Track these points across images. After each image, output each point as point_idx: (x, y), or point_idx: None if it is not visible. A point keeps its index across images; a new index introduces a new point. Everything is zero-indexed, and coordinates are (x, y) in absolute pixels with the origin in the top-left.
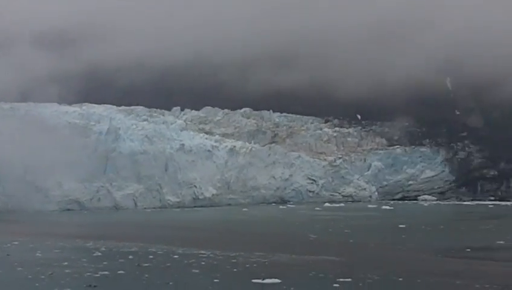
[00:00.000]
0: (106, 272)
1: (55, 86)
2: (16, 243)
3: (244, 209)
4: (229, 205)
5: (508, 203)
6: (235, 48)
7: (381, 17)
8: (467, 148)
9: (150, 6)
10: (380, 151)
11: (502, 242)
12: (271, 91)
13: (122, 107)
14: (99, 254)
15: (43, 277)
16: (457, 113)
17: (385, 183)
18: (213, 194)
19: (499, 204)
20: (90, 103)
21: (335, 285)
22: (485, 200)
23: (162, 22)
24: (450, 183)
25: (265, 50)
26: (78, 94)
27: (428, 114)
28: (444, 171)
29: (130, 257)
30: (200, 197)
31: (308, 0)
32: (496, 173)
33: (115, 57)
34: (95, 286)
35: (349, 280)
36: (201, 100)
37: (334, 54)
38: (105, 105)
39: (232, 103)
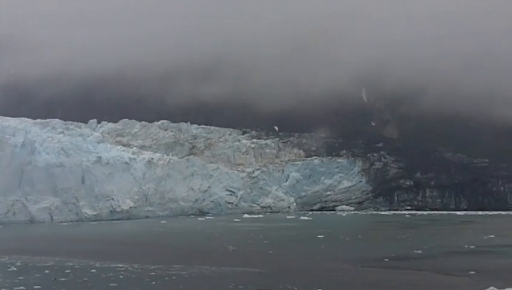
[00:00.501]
0: (22, 287)
1: None
2: None
3: (162, 222)
4: (147, 217)
5: (424, 212)
6: (157, 61)
7: (302, 31)
8: (383, 159)
9: (73, 19)
10: (298, 162)
11: (419, 251)
12: (192, 103)
13: (38, 120)
14: (15, 268)
15: None
16: (373, 124)
17: (303, 193)
18: (131, 207)
19: (415, 213)
20: (5, 116)
21: None
22: (401, 210)
23: (85, 35)
24: (367, 194)
25: (187, 63)
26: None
27: (345, 125)
28: (361, 181)
29: (46, 271)
30: (118, 209)
31: (230, 14)
32: (412, 183)
33: (36, 70)
34: None
35: None
36: (119, 113)
37: (255, 66)
38: (21, 118)
39: (150, 116)
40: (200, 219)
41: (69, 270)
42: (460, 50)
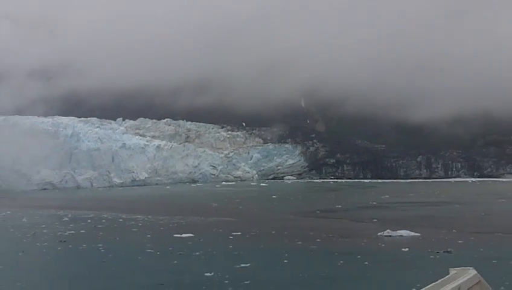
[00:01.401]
0: (72, 231)
1: (42, 105)
2: (9, 212)
3: (167, 187)
4: (157, 184)
5: (343, 180)
6: (167, 78)
7: (267, 57)
8: (315, 145)
9: (108, 48)
10: (259, 147)
11: (339, 206)
12: (189, 107)
13: (82, 118)
14: (67, 219)
15: (28, 235)
16: (308, 122)
17: (262, 168)
18: (146, 177)
19: (336, 181)
20: (59, 115)
21: (230, 237)
22: (327, 179)
23: (120, 57)
24: (305, 168)
25: (188, 79)
26: (57, 110)
27: (290, 123)
28: (300, 160)
29: (89, 221)
30: (137, 179)
31: (216, 43)
32: (334, 160)
33: (85, 85)
34: (64, 241)
35: (239, 233)
36: (137, 113)
37: (234, 82)
38: (70, 117)
39: (158, 115)
40: (192, 185)
41: (104, 220)
42: (377, 57)
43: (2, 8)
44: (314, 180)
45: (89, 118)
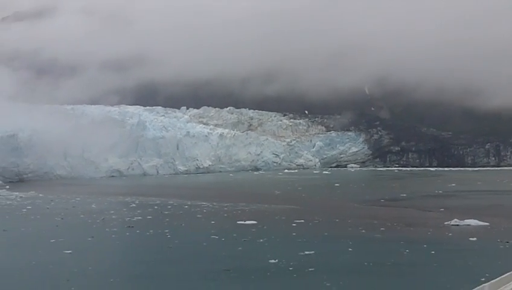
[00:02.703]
0: (140, 217)
1: (115, 95)
2: (78, 199)
3: (230, 175)
4: (220, 171)
5: (407, 168)
6: (238, 66)
7: (336, 44)
8: (379, 133)
9: (181, 38)
10: (321, 135)
11: (404, 195)
12: (261, 96)
13: (147, 107)
14: (134, 205)
15: (98, 221)
16: (373, 109)
17: (325, 156)
18: (209, 165)
19: (401, 169)
20: (126, 104)
21: (293, 224)
22: (392, 167)
23: (192, 47)
24: (368, 156)
25: (258, 68)
26: (129, 100)
27: (354, 110)
28: (364, 147)
29: (155, 207)
30: (201, 167)
31: (285, 31)
32: (399, 148)
33: (159, 75)
34: (132, 227)
35: (303, 221)
36: (201, 102)
37: (303, 70)
38: (136, 106)
39: (221, 104)
40: (255, 173)
41: (170, 207)
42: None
43: (78, 2)
44: (378, 169)
45: (154, 107)
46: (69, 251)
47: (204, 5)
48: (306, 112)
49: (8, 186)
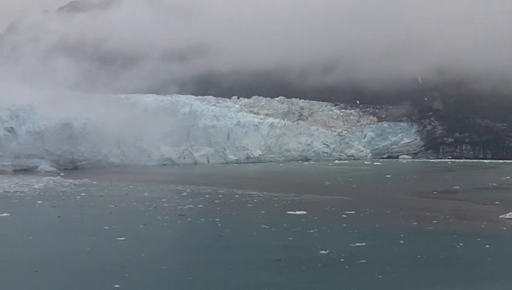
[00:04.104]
0: (191, 206)
1: (174, 85)
2: (131, 186)
3: (280, 165)
4: (270, 161)
5: (461, 160)
6: (296, 56)
7: (397, 34)
8: (432, 123)
9: (243, 28)
10: (373, 125)
11: (457, 187)
12: (320, 87)
13: (199, 97)
14: (186, 193)
15: (150, 208)
16: (426, 99)
17: (376, 147)
18: (259, 154)
19: (454, 161)
20: (178, 94)
21: (343, 215)
22: (445, 158)
23: (253, 37)
24: (421, 147)
25: (317, 58)
26: (190, 90)
27: (406, 100)
28: (416, 138)
29: (206, 196)
30: (251, 156)
31: (346, 21)
32: (452, 140)
33: (217, 66)
34: (184, 215)
35: (353, 212)
36: (251, 92)
37: (361, 61)
38: (187, 95)
39: (272, 93)
40: (305, 163)
41: (221, 196)
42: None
43: None
44: (431, 160)
45: (205, 96)
46: (122, 238)
47: None
48: (357, 101)
49: (62, 174)
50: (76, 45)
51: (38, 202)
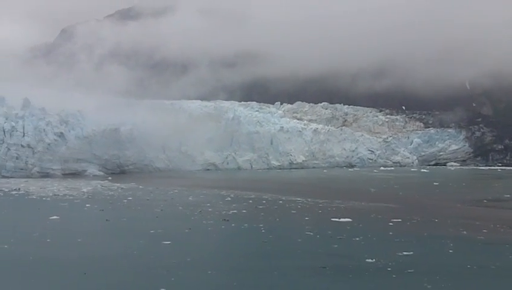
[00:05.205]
0: (235, 211)
1: (222, 91)
2: (176, 191)
3: (324, 171)
4: (314, 167)
5: (511, 167)
6: (347, 61)
7: (444, 40)
8: (481, 130)
9: (295, 34)
10: (419, 132)
11: (508, 195)
12: (370, 92)
13: (242, 102)
14: (230, 199)
15: (195, 213)
16: (474, 105)
17: (423, 153)
18: (303, 160)
19: (504, 168)
20: (219, 99)
21: (390, 223)
22: (494, 166)
23: (304, 44)
24: (470, 154)
25: (367, 63)
26: (238, 96)
27: (454, 106)
28: (465, 145)
29: (250, 201)
30: (294, 162)
31: (395, 27)
32: (502, 147)
33: (271, 72)
34: (228, 220)
35: (400, 220)
36: (294, 97)
37: (411, 66)
38: (231, 101)
39: (315, 99)
40: (349, 169)
41: (264, 201)
42: None
43: (197, 2)
44: (480, 167)
45: (248, 102)
46: (168, 242)
47: (313, 4)
48: (403, 107)
49: (110, 178)
50: (130, 53)
51: (87, 205)
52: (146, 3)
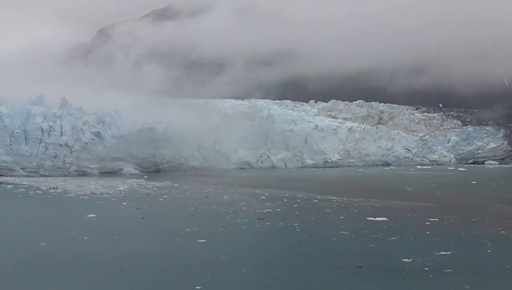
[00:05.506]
0: (269, 210)
1: (258, 89)
2: (211, 189)
3: (359, 170)
4: (349, 166)
5: None
6: (384, 59)
7: (483, 37)
8: None
9: (333, 31)
10: (457, 130)
11: None
12: (407, 90)
13: (276, 101)
14: (264, 197)
15: (230, 211)
16: None
17: (460, 152)
18: (338, 159)
19: None
20: (254, 98)
21: (427, 223)
22: None
23: (342, 42)
24: (508, 152)
25: (405, 61)
26: (273, 95)
27: (492, 103)
28: (503, 143)
29: (285, 200)
30: (329, 160)
31: (434, 24)
32: None
33: (300, 71)
34: (262, 219)
35: (437, 219)
36: (329, 96)
37: (449, 63)
38: (265, 99)
39: (350, 97)
40: (385, 168)
41: (299, 200)
42: None
43: (233, 1)
44: None
45: (283, 101)
46: (203, 240)
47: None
48: (440, 105)
49: (146, 176)
50: (166, 52)
51: (123, 203)
52: (182, 3)
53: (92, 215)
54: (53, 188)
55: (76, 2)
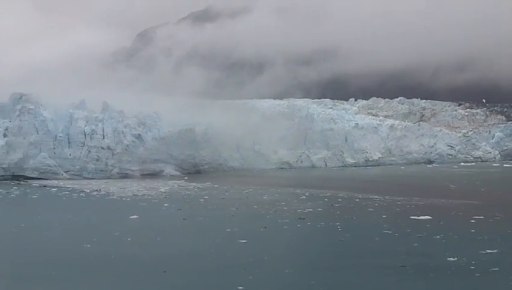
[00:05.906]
0: (310, 209)
1: (298, 89)
2: (251, 189)
3: (401, 168)
4: (391, 164)
5: None
6: (427, 54)
7: None
8: None
9: (375, 28)
10: (501, 125)
11: None
12: (450, 86)
13: (315, 100)
14: (305, 197)
15: (270, 212)
16: None
17: (505, 148)
18: (379, 157)
19: None
20: (295, 98)
21: (472, 221)
22: None
23: (384, 39)
24: None
25: (447, 57)
26: (313, 94)
27: None
28: None
29: (325, 199)
30: (370, 159)
31: (478, 19)
32: None
33: (342, 69)
34: (303, 218)
35: (482, 217)
36: (369, 93)
37: (494, 59)
38: (304, 99)
39: (391, 94)
40: (428, 166)
41: (340, 199)
42: None
43: (274, 1)
44: None
45: (322, 99)
46: (244, 241)
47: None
48: (484, 100)
49: (186, 177)
50: (207, 54)
51: (165, 204)
52: (222, 4)
53: (135, 216)
54: (96, 190)
55: (115, 6)
